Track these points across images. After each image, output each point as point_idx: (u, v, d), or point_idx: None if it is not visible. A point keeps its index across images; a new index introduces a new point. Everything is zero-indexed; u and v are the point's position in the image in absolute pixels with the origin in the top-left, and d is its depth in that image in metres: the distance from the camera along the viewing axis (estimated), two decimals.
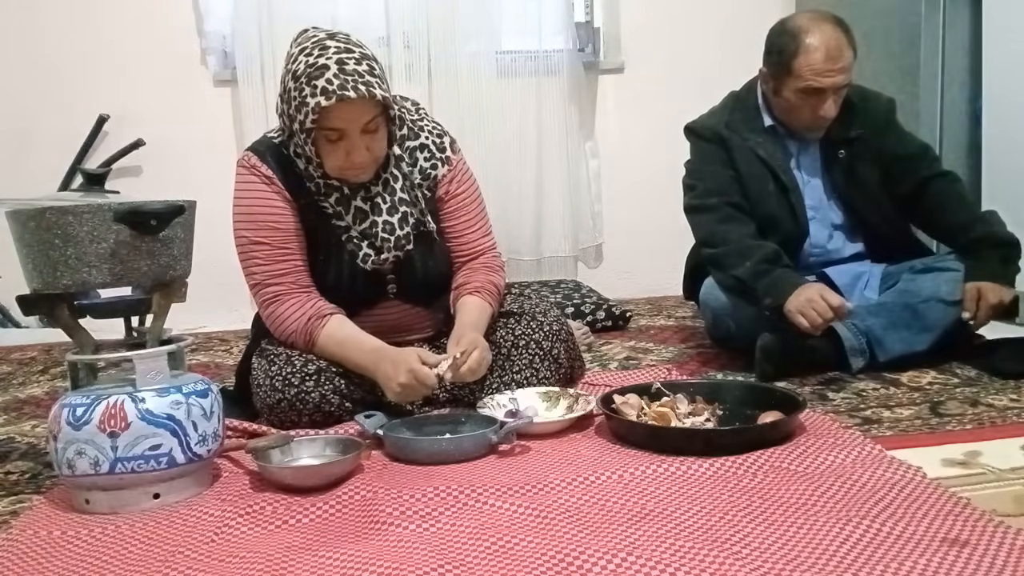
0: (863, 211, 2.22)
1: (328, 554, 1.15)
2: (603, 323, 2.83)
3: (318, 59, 1.61)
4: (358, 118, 1.63)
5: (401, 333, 1.85)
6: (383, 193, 1.77)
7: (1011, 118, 2.62)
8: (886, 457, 1.42)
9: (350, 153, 1.66)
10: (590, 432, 1.66)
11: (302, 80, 1.61)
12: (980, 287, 2.02)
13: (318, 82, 1.59)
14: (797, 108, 2.11)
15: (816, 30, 2.05)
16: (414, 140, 1.83)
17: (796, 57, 2.05)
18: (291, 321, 1.73)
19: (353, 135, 1.65)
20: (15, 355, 2.84)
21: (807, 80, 2.04)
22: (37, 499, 1.46)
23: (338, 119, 1.62)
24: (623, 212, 3.64)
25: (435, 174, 1.84)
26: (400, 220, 1.77)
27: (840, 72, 2.04)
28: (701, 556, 1.09)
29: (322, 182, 1.74)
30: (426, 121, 1.88)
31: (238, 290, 1.99)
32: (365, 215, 1.76)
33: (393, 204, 1.77)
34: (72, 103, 3.29)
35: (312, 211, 1.76)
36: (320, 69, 1.60)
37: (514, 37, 3.50)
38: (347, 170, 1.70)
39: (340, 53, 1.62)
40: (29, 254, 1.36)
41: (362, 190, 1.76)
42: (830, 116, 2.10)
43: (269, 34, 3.29)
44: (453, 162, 1.87)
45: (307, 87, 1.60)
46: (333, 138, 1.65)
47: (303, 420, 1.70)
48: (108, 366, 1.48)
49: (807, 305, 1.91)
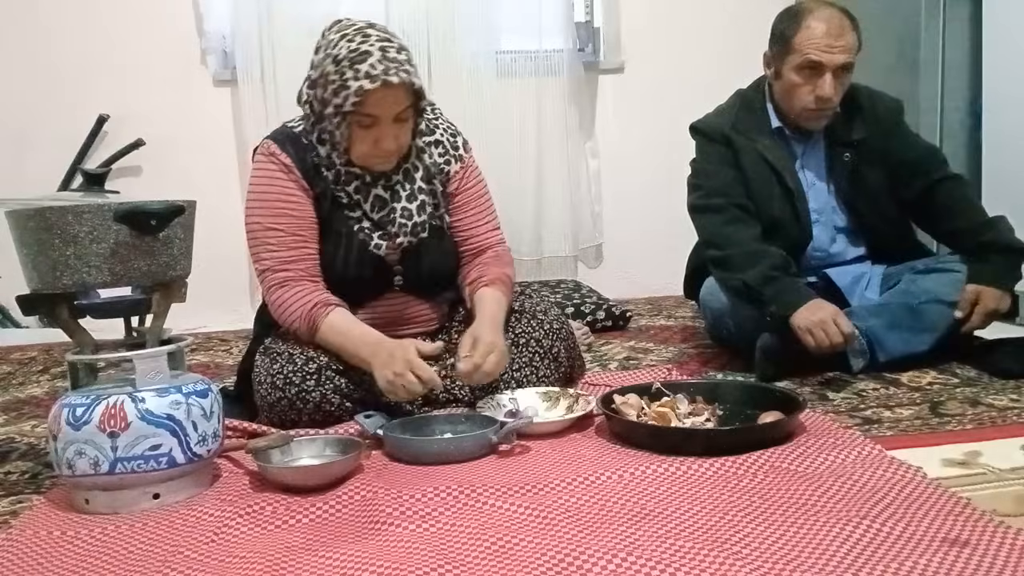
0: (867, 214, 2.21)
1: (328, 554, 1.15)
2: (603, 323, 2.83)
3: (361, 45, 1.64)
4: (394, 105, 1.66)
5: (403, 326, 1.85)
6: (403, 182, 1.80)
7: (1011, 118, 2.62)
8: (886, 457, 1.42)
9: (379, 141, 1.69)
10: (590, 432, 1.66)
11: (344, 64, 1.63)
12: (979, 290, 2.02)
13: (361, 66, 1.62)
14: (796, 88, 2.08)
15: (818, 11, 2.05)
16: (430, 136, 1.87)
17: (797, 33, 2.05)
18: (296, 306, 1.73)
19: (385, 123, 1.68)
20: (15, 355, 2.84)
21: (806, 53, 2.03)
22: (37, 499, 1.46)
23: (375, 105, 1.65)
24: (623, 212, 3.65)
25: (448, 170, 1.87)
26: (419, 208, 1.81)
27: (841, 51, 2.02)
28: (701, 556, 1.09)
29: (343, 169, 1.76)
30: (441, 120, 1.92)
31: (238, 290, 1.99)
32: (384, 202, 1.79)
33: (412, 192, 1.81)
34: (72, 103, 3.29)
35: (326, 200, 1.78)
36: (363, 54, 1.62)
37: (514, 37, 3.50)
38: (373, 157, 1.73)
39: (382, 41, 1.66)
40: (29, 254, 1.36)
41: (383, 179, 1.79)
42: (828, 97, 2.05)
43: (269, 34, 3.29)
44: (466, 160, 1.91)
45: (349, 71, 1.62)
46: (366, 124, 1.68)
47: (303, 419, 1.70)
48: (108, 366, 1.48)
49: (818, 326, 1.90)
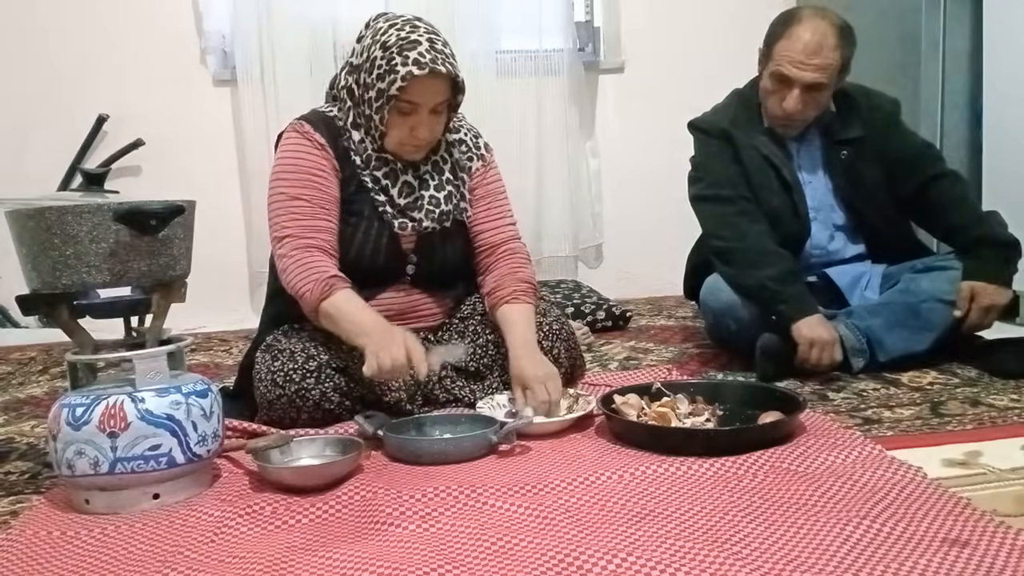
0: (865, 212, 2.21)
1: (327, 554, 1.15)
2: (603, 323, 2.83)
3: (410, 34, 1.69)
4: (435, 95, 1.72)
5: (408, 319, 1.85)
6: (432, 172, 1.85)
7: (1012, 117, 2.62)
8: (886, 457, 1.42)
9: (415, 129, 1.73)
10: (590, 432, 1.66)
11: (393, 50, 1.68)
12: (974, 287, 2.02)
13: (410, 54, 1.67)
14: (768, 94, 2.11)
15: (807, 21, 2.03)
16: (454, 134, 1.90)
17: (779, 41, 2.05)
18: (314, 272, 1.70)
19: (424, 111, 1.72)
20: (15, 355, 2.84)
21: (778, 65, 2.04)
22: (37, 499, 1.46)
23: (419, 93, 1.69)
24: (623, 212, 3.64)
25: (470, 166, 1.91)
26: (446, 197, 1.85)
27: (813, 70, 2.00)
28: (701, 556, 1.09)
29: (375, 155, 1.79)
30: (464, 123, 1.96)
31: (238, 290, 1.99)
32: (412, 189, 1.82)
33: (440, 183, 1.85)
34: (71, 103, 3.29)
35: (353, 183, 1.80)
36: (413, 43, 1.68)
37: (514, 36, 3.50)
38: (406, 145, 1.77)
39: (430, 33, 1.72)
40: (28, 254, 1.36)
41: (412, 168, 1.82)
42: (792, 112, 2.06)
43: (268, 34, 3.29)
44: (487, 160, 1.95)
45: (398, 56, 1.67)
46: (406, 111, 1.72)
47: (302, 417, 1.70)
48: (107, 366, 1.48)
49: (818, 345, 1.94)
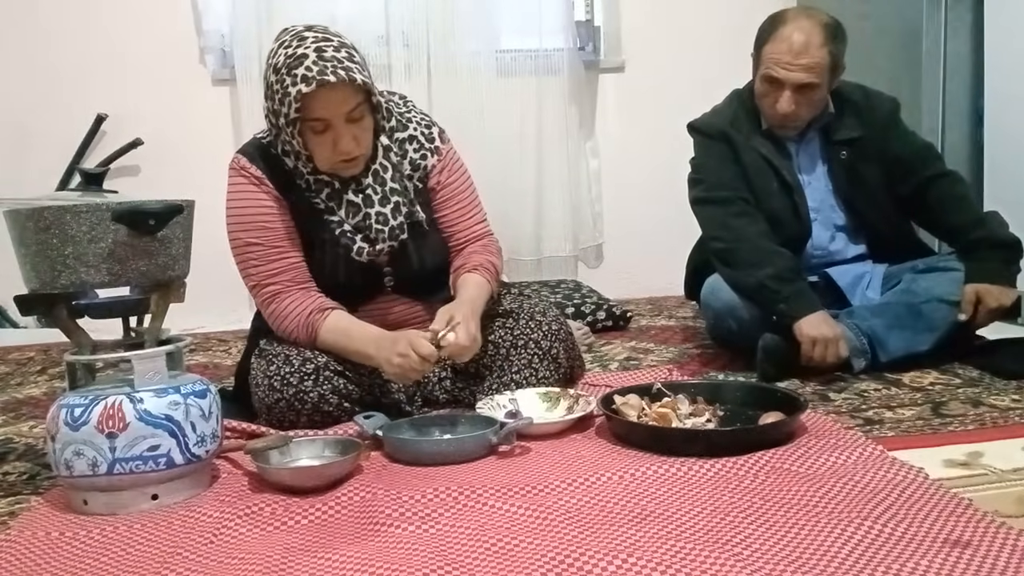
0: (865, 212, 2.20)
1: (327, 555, 1.15)
2: (603, 323, 2.82)
3: (297, 49, 1.62)
4: (340, 105, 1.64)
5: (398, 328, 1.83)
6: (374, 184, 1.77)
7: (1014, 117, 2.61)
8: (888, 458, 1.41)
9: (337, 143, 1.66)
10: (590, 433, 1.66)
11: (283, 71, 1.62)
12: (979, 290, 2.01)
13: (298, 71, 1.60)
14: (762, 97, 2.11)
15: (792, 22, 2.02)
16: (403, 132, 1.84)
17: (767, 43, 2.05)
18: (292, 317, 1.73)
19: (338, 125, 1.65)
20: (13, 355, 2.83)
21: (767, 67, 2.04)
22: (35, 500, 1.46)
23: (320, 108, 1.63)
24: (623, 212, 3.64)
25: (425, 164, 1.85)
26: (393, 210, 1.77)
27: (801, 70, 2.00)
28: (702, 557, 1.08)
29: (312, 178, 1.74)
30: (414, 113, 1.88)
31: (237, 290, 1.99)
32: (358, 208, 1.76)
33: (385, 195, 1.77)
34: (70, 102, 3.28)
35: (304, 208, 1.76)
36: (299, 59, 1.61)
37: (514, 36, 3.49)
38: (336, 163, 1.70)
39: (318, 42, 1.63)
40: (27, 254, 1.36)
41: (353, 183, 1.76)
42: (785, 113, 2.06)
43: (268, 33, 3.27)
44: (443, 152, 1.87)
45: (288, 77, 1.61)
46: (319, 129, 1.66)
47: (301, 420, 1.70)
48: (106, 366, 1.47)
49: (822, 341, 1.93)
